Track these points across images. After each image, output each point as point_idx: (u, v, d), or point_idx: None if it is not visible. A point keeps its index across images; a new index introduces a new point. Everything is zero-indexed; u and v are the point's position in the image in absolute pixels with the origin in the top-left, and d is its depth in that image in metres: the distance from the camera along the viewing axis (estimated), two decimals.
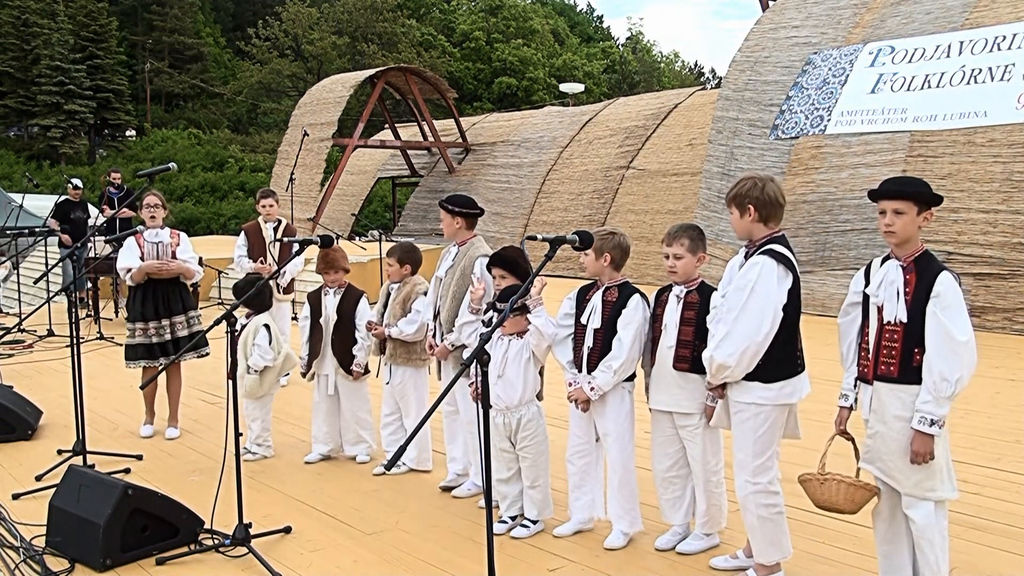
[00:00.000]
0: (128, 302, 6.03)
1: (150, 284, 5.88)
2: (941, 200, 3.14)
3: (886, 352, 3.08)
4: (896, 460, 3.09)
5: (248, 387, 5.42)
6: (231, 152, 43.46)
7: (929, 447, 2.99)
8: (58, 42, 42.27)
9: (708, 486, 3.82)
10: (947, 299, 2.96)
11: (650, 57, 68.07)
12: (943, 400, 2.96)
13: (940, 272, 3.00)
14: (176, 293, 5.96)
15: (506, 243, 15.89)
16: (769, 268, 3.35)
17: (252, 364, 5.40)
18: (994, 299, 9.95)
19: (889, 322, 3.07)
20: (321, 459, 5.47)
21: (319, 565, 3.88)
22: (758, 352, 3.34)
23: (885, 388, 3.11)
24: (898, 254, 3.12)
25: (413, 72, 22.00)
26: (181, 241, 6.06)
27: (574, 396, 4.00)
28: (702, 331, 3.67)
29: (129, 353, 5.91)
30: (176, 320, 5.92)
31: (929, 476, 3.05)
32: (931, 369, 2.96)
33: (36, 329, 10.49)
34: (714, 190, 13.42)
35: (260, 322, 5.48)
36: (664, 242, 3.86)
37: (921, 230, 3.11)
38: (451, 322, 4.60)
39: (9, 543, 4.11)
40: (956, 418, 6.07)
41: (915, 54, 12.00)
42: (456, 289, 4.60)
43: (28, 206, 15.89)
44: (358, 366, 5.32)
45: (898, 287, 3.06)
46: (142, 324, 5.85)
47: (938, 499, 3.07)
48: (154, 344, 5.85)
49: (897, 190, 3.11)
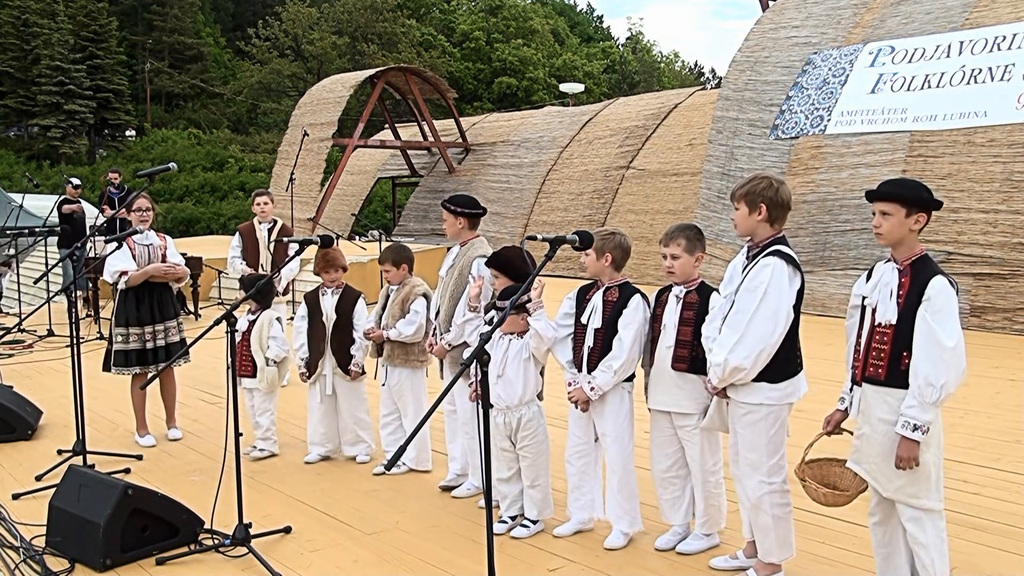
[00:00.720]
0: (118, 306, 5.80)
1: (145, 288, 5.75)
2: (936, 205, 3.09)
3: (875, 354, 3.06)
4: (879, 463, 3.06)
5: (269, 379, 5.53)
6: (231, 152, 43.48)
7: (913, 452, 2.94)
8: (58, 42, 42.28)
9: (706, 486, 3.82)
10: (937, 303, 2.93)
11: (650, 57, 68.09)
12: (928, 406, 2.91)
13: (934, 276, 2.97)
14: (168, 297, 5.91)
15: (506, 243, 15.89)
16: (780, 269, 3.36)
17: (273, 356, 5.49)
18: (994, 299, 9.95)
19: (880, 324, 3.05)
20: (320, 459, 5.47)
21: (319, 565, 3.88)
22: (770, 354, 3.34)
23: (872, 390, 3.09)
24: (896, 256, 3.10)
25: (413, 72, 22.00)
26: (168, 244, 6.01)
27: (574, 397, 4.00)
28: (701, 331, 3.67)
29: (120, 359, 5.70)
30: (169, 325, 5.86)
31: (912, 482, 3.00)
32: (917, 373, 2.93)
33: (36, 329, 10.50)
34: (714, 190, 13.42)
35: (271, 315, 5.58)
36: (662, 242, 3.87)
37: (915, 234, 3.06)
38: (448, 321, 4.61)
39: (9, 543, 4.11)
40: (956, 418, 6.07)
41: (915, 54, 12.00)
42: (454, 289, 4.61)
43: (28, 206, 15.87)
44: (356, 366, 5.32)
45: (892, 289, 3.04)
46: (137, 329, 5.72)
47: (921, 507, 3.02)
48: (147, 350, 5.73)
49: (885, 191, 3.09)
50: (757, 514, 3.50)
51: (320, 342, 5.35)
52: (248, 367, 5.52)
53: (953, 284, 2.98)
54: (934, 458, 3.00)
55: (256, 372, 5.51)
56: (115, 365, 5.74)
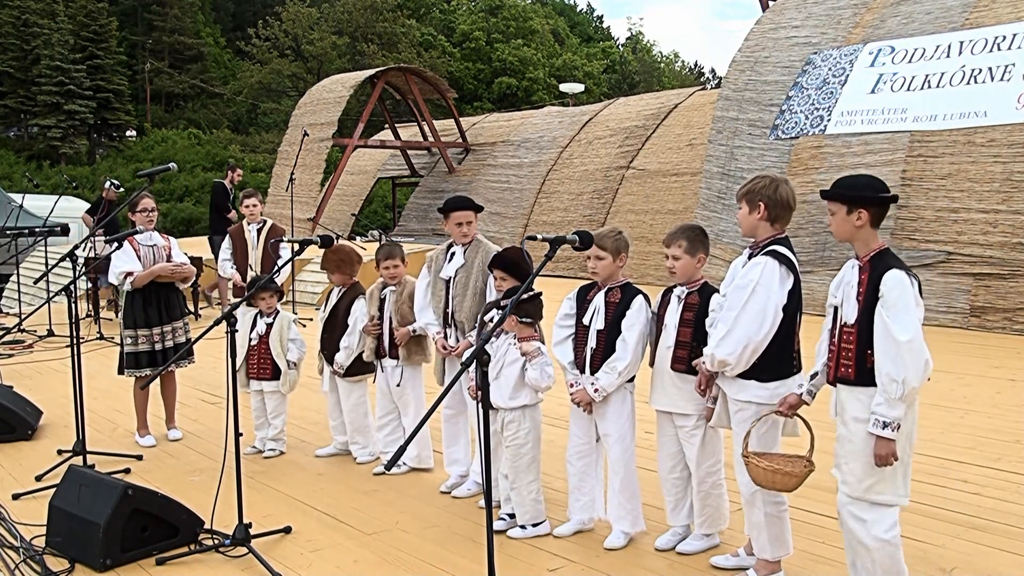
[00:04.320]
0: (125, 308, 5.79)
1: (152, 289, 5.75)
2: (879, 201, 3.08)
3: (844, 354, 3.07)
4: (852, 462, 3.05)
5: (292, 382, 5.61)
6: (231, 152, 43.47)
7: (889, 449, 2.93)
8: (58, 42, 42.28)
9: (704, 487, 3.81)
10: (891, 299, 2.92)
11: (650, 57, 68.10)
12: (894, 402, 2.89)
13: (887, 271, 2.96)
14: (175, 298, 5.92)
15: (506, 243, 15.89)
16: (771, 268, 3.38)
17: (294, 359, 5.58)
18: (994, 299, 9.95)
19: (845, 323, 3.07)
20: (331, 455, 5.53)
21: (319, 565, 3.88)
22: (757, 350, 3.37)
23: (845, 390, 3.09)
24: (857, 253, 3.12)
25: (413, 72, 22.00)
26: (172, 244, 6.01)
27: (577, 398, 4.00)
28: (701, 333, 3.68)
29: (131, 361, 5.70)
30: (176, 326, 5.87)
31: (881, 480, 3.00)
32: (880, 371, 2.93)
33: (36, 329, 10.50)
34: (714, 190, 13.42)
35: (289, 318, 5.66)
36: (664, 243, 3.88)
37: (864, 230, 3.06)
38: (473, 320, 4.60)
39: (9, 543, 4.11)
40: (956, 418, 6.07)
41: (915, 54, 12.00)
42: (475, 287, 4.61)
43: (28, 206, 15.88)
44: (340, 367, 5.35)
45: (853, 287, 3.06)
46: (146, 331, 5.71)
47: (886, 503, 3.02)
48: (156, 351, 5.73)
49: (826, 190, 3.16)
50: (751, 511, 3.53)
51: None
52: (267, 370, 5.56)
53: (911, 275, 2.96)
54: (902, 453, 2.98)
55: (274, 374, 5.57)
56: (127, 368, 5.73)
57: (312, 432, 6.07)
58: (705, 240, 3.84)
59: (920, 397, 3.07)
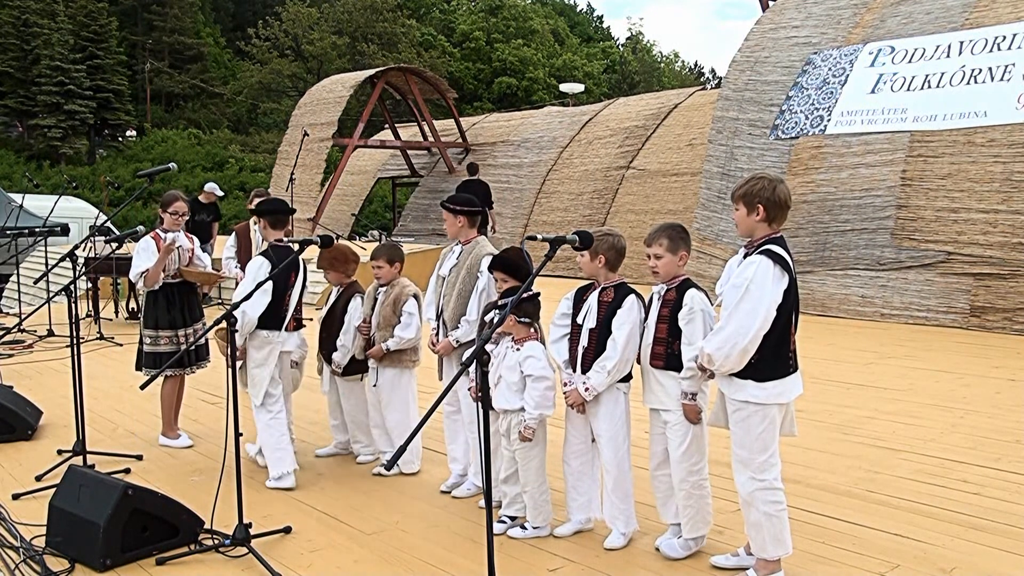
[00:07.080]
0: (146, 308, 5.74)
1: (174, 290, 5.71)
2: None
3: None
4: None
5: (295, 381, 5.57)
6: (231, 152, 43.50)
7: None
8: (58, 42, 42.28)
9: (685, 486, 3.77)
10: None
11: (650, 57, 68.11)
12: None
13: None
14: (195, 300, 5.90)
15: (506, 243, 15.90)
16: (765, 268, 3.38)
17: (297, 359, 5.52)
18: (994, 299, 9.95)
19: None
20: (331, 455, 5.52)
21: (319, 565, 3.88)
22: (747, 349, 3.36)
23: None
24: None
25: (413, 72, 22.01)
26: (196, 245, 5.97)
27: (571, 400, 4.01)
28: (676, 329, 3.70)
29: (149, 361, 5.64)
30: (196, 327, 5.84)
31: None
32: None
33: (36, 329, 10.50)
34: (714, 190, 13.42)
35: None
36: (645, 243, 3.88)
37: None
38: (456, 320, 4.60)
39: (9, 543, 4.11)
40: (956, 418, 6.07)
41: (915, 54, 12.01)
42: (461, 287, 4.61)
43: (28, 206, 15.88)
44: (337, 366, 5.34)
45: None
46: (168, 332, 5.67)
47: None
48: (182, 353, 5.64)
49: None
50: (749, 510, 3.53)
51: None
52: None
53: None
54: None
55: None
56: (145, 366, 5.68)
57: (312, 432, 6.07)
58: (686, 238, 3.84)
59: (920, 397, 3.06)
